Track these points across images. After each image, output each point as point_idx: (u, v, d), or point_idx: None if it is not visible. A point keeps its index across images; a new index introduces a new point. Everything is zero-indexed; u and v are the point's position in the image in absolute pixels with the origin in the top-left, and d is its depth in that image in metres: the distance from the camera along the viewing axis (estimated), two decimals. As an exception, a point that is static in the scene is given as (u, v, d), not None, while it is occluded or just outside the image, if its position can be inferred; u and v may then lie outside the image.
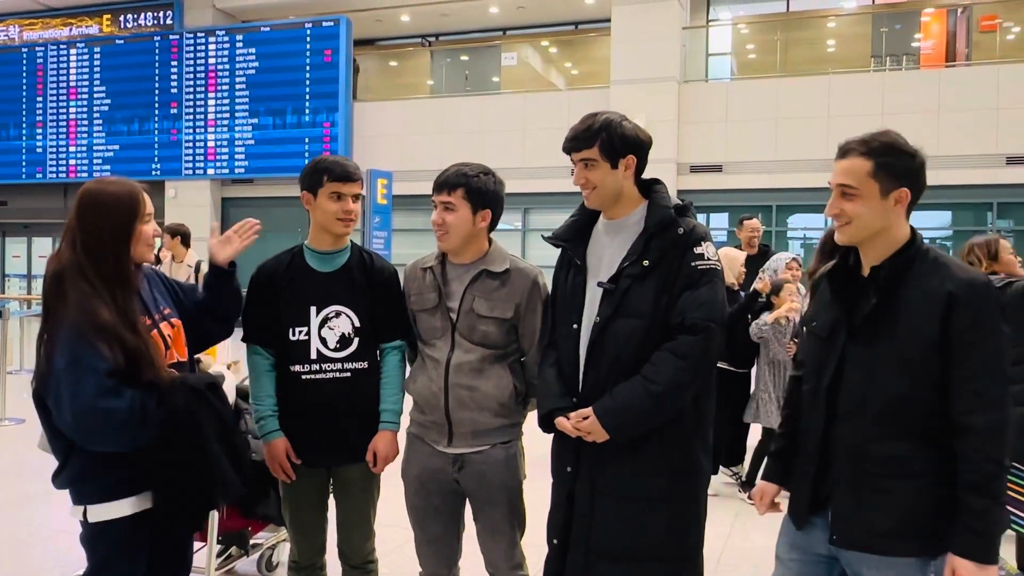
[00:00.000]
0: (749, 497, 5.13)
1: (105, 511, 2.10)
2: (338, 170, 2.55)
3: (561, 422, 2.25)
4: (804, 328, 2.21)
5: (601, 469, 2.23)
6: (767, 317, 4.80)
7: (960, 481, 1.77)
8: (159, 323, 2.23)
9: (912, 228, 1.94)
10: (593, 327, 2.24)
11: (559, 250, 2.48)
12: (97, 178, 2.24)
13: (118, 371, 2.02)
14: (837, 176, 1.92)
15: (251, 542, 3.48)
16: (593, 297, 2.28)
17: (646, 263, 2.20)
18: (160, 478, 2.12)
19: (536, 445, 2.71)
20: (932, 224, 11.96)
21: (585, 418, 2.19)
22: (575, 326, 2.31)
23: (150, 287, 2.29)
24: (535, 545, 2.65)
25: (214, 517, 3.11)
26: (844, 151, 1.93)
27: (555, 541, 2.33)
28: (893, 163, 1.88)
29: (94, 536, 2.14)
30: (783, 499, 2.16)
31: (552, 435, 2.39)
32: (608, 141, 2.24)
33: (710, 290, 2.19)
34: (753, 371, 5.04)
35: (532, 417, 2.59)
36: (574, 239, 2.39)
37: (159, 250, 6.41)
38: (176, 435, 2.08)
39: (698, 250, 2.20)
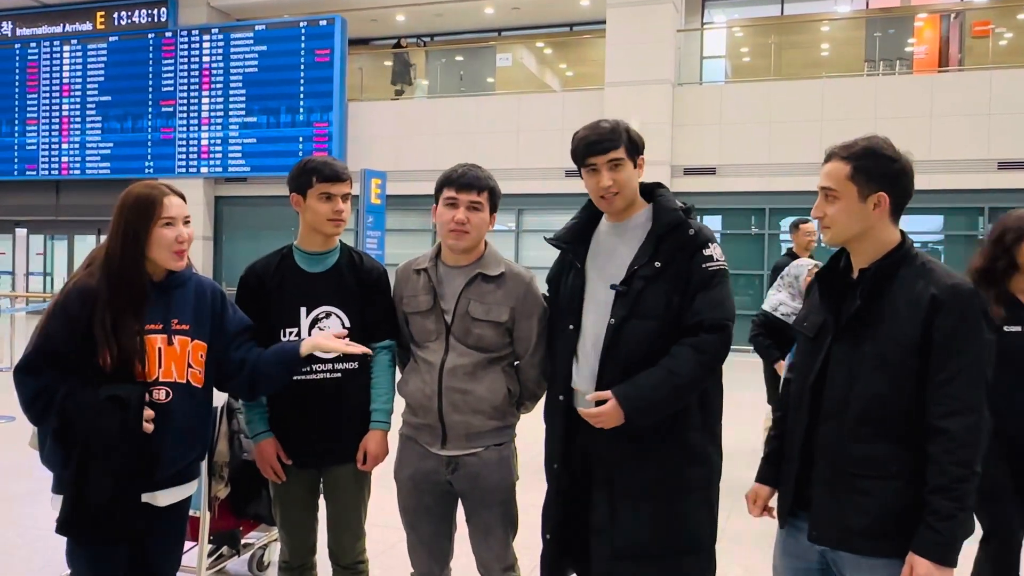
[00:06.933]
0: None
1: (57, 503, 2.14)
2: (327, 171, 2.54)
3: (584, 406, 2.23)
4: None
5: (617, 473, 2.24)
6: None
7: (929, 483, 1.77)
8: (147, 333, 2.16)
9: (902, 232, 1.96)
10: (608, 328, 2.25)
11: (556, 252, 2.49)
12: (143, 180, 2.28)
13: (61, 354, 2.08)
14: (820, 179, 1.97)
15: (242, 542, 3.47)
16: (605, 299, 2.28)
17: (658, 264, 2.23)
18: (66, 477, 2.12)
19: (529, 446, 2.72)
20: (924, 228, 12.02)
21: (602, 401, 2.18)
22: (571, 327, 2.32)
23: (172, 296, 2.24)
24: (528, 546, 2.65)
25: (206, 516, 3.10)
26: (828, 156, 1.98)
27: (548, 536, 2.36)
28: (870, 167, 1.90)
29: (68, 553, 2.18)
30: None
31: (545, 435, 2.40)
32: (631, 140, 2.29)
33: (722, 290, 2.24)
34: None
35: (525, 419, 2.60)
36: (575, 241, 2.40)
37: None
38: (66, 437, 2.08)
39: (707, 252, 2.24)
